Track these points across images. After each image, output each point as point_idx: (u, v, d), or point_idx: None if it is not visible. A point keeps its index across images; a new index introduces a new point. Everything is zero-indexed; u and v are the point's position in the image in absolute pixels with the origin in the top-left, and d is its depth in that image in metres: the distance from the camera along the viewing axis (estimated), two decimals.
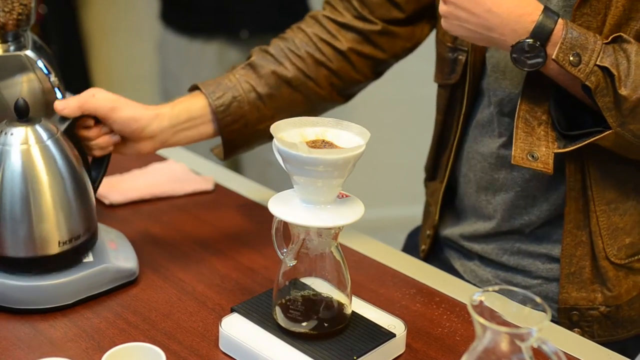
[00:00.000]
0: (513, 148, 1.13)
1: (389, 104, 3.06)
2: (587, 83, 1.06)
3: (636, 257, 1.23)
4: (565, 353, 1.09)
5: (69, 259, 1.15)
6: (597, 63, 1.06)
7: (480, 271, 1.34)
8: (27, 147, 1.11)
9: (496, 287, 0.85)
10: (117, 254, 1.21)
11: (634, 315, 1.25)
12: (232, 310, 1.12)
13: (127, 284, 1.21)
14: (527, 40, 1.07)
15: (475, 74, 1.26)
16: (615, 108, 1.07)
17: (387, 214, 2.98)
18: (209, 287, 1.22)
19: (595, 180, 1.19)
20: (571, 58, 1.06)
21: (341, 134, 1.05)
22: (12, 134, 1.11)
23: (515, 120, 1.13)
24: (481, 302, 0.84)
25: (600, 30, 1.10)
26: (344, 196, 1.05)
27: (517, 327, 0.82)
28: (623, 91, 1.06)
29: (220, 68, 2.73)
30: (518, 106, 1.14)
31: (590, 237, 1.21)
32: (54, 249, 1.13)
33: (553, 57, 1.06)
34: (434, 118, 1.42)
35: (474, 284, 1.33)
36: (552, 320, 1.19)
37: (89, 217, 1.17)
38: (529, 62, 1.08)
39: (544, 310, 0.82)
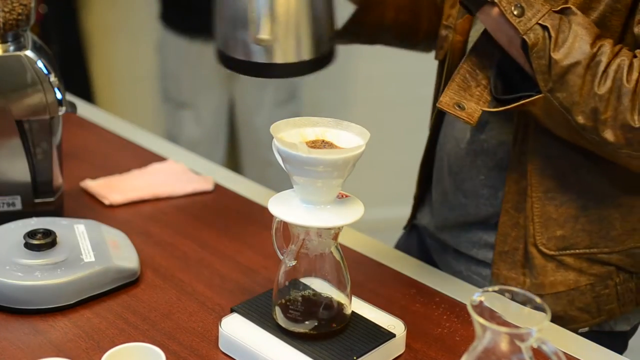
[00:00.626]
0: (442, 94, 1.13)
1: (388, 104, 3.06)
2: (525, 37, 1.06)
3: (567, 252, 1.22)
4: (565, 353, 1.10)
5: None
6: (540, 22, 1.06)
7: (454, 263, 1.35)
8: None
9: (496, 287, 0.85)
10: (118, 254, 1.21)
11: (559, 311, 1.24)
12: (232, 311, 1.12)
13: (128, 284, 1.21)
14: None
15: (454, 53, 1.27)
16: (547, 72, 1.07)
17: (387, 214, 2.98)
18: (208, 287, 1.22)
19: (536, 166, 1.19)
20: (514, 10, 1.06)
21: (341, 134, 1.05)
22: None
23: (453, 75, 1.14)
24: (481, 302, 0.84)
25: None
26: (344, 196, 1.05)
27: (517, 327, 0.82)
28: (556, 55, 1.06)
29: (220, 69, 2.73)
30: (460, 64, 1.14)
31: (525, 222, 1.21)
32: None
33: (496, 0, 1.06)
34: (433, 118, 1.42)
35: (448, 275, 1.35)
36: None
37: None
38: None
39: (544, 311, 0.82)
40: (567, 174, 1.20)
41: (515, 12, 1.06)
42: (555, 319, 1.22)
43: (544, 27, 1.06)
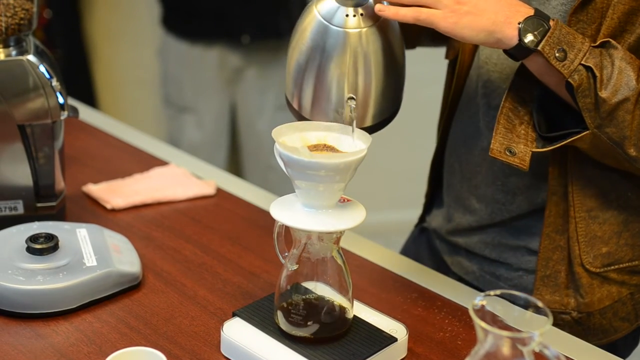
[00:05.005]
0: (492, 141, 1.14)
1: None
2: (570, 80, 1.07)
3: (612, 267, 1.24)
4: (567, 357, 1.09)
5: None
6: (582, 62, 1.07)
7: (466, 263, 1.36)
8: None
9: (498, 292, 0.85)
10: (120, 259, 1.21)
11: (605, 324, 1.25)
12: (234, 315, 1.12)
13: (130, 288, 1.21)
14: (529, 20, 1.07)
15: (465, 53, 1.28)
16: (594, 110, 1.08)
17: (388, 218, 2.98)
18: (210, 292, 1.23)
19: (577, 187, 1.20)
20: (557, 53, 1.06)
21: (343, 138, 1.05)
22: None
23: (497, 116, 1.14)
24: (483, 306, 0.84)
25: (594, 39, 1.11)
26: (346, 200, 1.05)
27: (518, 331, 0.82)
28: (603, 93, 1.06)
29: (221, 73, 2.74)
30: (502, 102, 1.15)
31: (568, 243, 1.22)
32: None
33: (539, 48, 1.06)
34: (435, 122, 1.42)
35: (460, 276, 1.36)
36: None
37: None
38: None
39: (545, 315, 0.82)
40: (608, 191, 1.21)
41: (557, 56, 1.06)
42: (601, 333, 1.24)
43: (587, 68, 1.07)
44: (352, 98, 1.08)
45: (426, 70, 2.26)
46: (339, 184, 1.00)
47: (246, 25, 2.63)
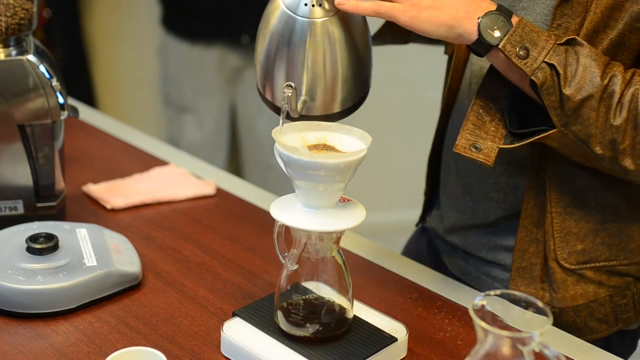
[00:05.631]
0: (458, 137, 1.13)
1: (390, 108, 3.06)
2: (532, 78, 1.06)
3: (587, 265, 1.23)
4: (566, 357, 1.10)
5: None
6: (545, 60, 1.06)
7: (463, 264, 1.36)
8: None
9: (497, 292, 0.85)
10: (120, 259, 1.21)
11: (579, 322, 1.24)
12: (234, 315, 1.12)
13: (130, 288, 1.21)
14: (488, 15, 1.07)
15: (461, 48, 1.28)
16: (559, 107, 1.07)
17: (388, 218, 2.98)
18: (210, 292, 1.23)
19: (555, 182, 1.19)
20: (519, 51, 1.06)
21: (343, 138, 1.05)
22: None
23: (467, 112, 1.14)
24: (483, 306, 0.84)
25: (577, 33, 1.10)
26: (346, 200, 1.05)
27: (518, 331, 0.82)
28: (567, 90, 1.06)
29: (221, 73, 2.74)
30: (473, 99, 1.15)
31: (544, 237, 1.22)
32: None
33: (500, 46, 1.06)
34: (435, 121, 1.42)
35: (458, 277, 1.35)
36: None
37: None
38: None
39: (545, 315, 0.82)
40: (586, 189, 1.21)
41: (520, 54, 1.06)
42: (574, 331, 1.23)
43: (551, 65, 1.06)
44: (290, 86, 1.08)
45: (425, 71, 2.26)
46: (339, 184, 1.00)
47: (246, 25, 2.63)
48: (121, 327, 1.14)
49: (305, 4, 1.08)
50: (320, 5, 1.08)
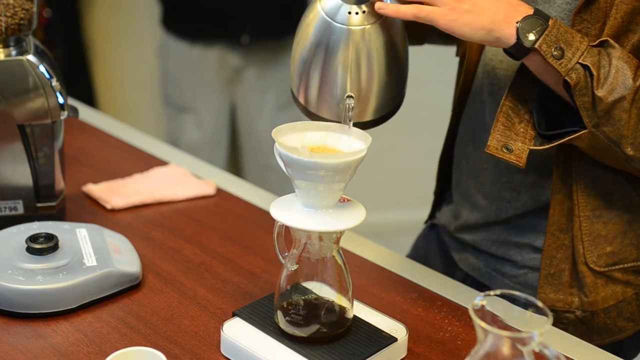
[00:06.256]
0: (490, 138, 1.14)
1: None
2: (567, 78, 1.07)
3: (616, 267, 1.24)
4: (567, 357, 1.10)
5: None
6: (580, 61, 1.07)
7: (473, 260, 1.36)
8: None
9: (498, 292, 0.85)
10: (120, 259, 1.21)
11: (609, 323, 1.25)
12: (234, 315, 1.12)
13: (129, 288, 1.21)
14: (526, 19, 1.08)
15: (473, 50, 1.28)
16: (591, 108, 1.08)
17: (388, 218, 2.98)
18: (210, 292, 1.23)
19: (582, 186, 1.20)
20: (554, 51, 1.07)
21: (343, 138, 1.05)
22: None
23: (497, 113, 1.15)
24: (483, 306, 0.84)
25: (597, 38, 1.11)
26: (346, 200, 1.05)
27: (518, 331, 0.82)
28: (599, 92, 1.07)
29: (221, 73, 2.74)
30: (502, 101, 1.15)
31: (572, 241, 1.22)
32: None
33: (536, 46, 1.07)
34: (438, 122, 1.42)
35: (467, 272, 1.36)
36: None
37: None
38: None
39: (545, 315, 0.82)
40: (612, 191, 1.21)
41: (555, 54, 1.07)
42: (604, 332, 1.25)
43: (585, 66, 1.07)
44: (351, 97, 1.08)
45: (430, 71, 2.26)
46: (339, 184, 1.00)
47: (246, 25, 2.63)
48: (121, 327, 1.14)
49: (349, 12, 1.07)
50: (362, 12, 1.07)
